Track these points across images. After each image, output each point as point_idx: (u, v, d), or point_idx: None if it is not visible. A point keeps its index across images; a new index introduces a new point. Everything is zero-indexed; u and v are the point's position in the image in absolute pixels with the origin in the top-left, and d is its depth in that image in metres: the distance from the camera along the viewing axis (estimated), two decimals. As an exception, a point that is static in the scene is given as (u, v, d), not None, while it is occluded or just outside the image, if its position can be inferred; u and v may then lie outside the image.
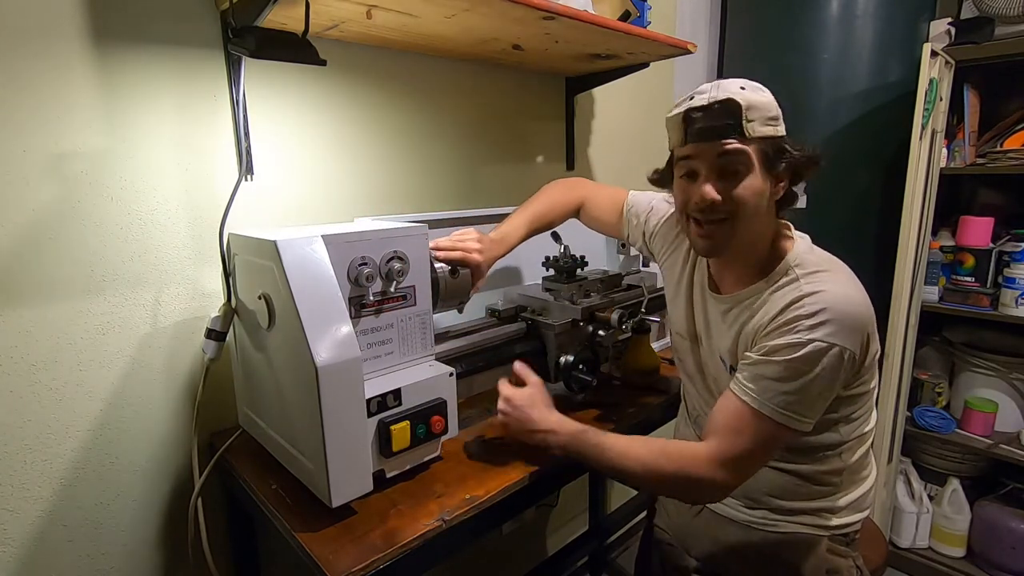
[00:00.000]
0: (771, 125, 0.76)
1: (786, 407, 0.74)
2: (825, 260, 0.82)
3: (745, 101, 0.74)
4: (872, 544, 1.14)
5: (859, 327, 0.74)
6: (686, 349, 0.99)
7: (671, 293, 1.02)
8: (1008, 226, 1.81)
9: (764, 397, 0.75)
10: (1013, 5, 1.66)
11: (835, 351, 0.73)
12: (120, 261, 0.92)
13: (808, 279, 0.78)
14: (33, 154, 0.83)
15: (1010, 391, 1.83)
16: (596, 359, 1.13)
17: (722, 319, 0.88)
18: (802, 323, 0.74)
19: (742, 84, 0.77)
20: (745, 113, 0.74)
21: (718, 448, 0.77)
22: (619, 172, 1.84)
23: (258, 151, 1.05)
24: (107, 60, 0.88)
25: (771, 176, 0.78)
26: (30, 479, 0.88)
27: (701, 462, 0.77)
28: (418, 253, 0.89)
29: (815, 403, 0.75)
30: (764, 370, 0.76)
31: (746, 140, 0.75)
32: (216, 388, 1.02)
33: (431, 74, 1.30)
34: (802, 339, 0.73)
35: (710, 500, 0.86)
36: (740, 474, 0.78)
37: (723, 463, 0.76)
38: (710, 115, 0.76)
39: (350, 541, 0.74)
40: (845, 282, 0.77)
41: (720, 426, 0.78)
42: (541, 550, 1.86)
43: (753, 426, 0.76)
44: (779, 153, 0.77)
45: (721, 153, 0.76)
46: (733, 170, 0.77)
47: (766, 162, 0.77)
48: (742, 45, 1.92)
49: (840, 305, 0.74)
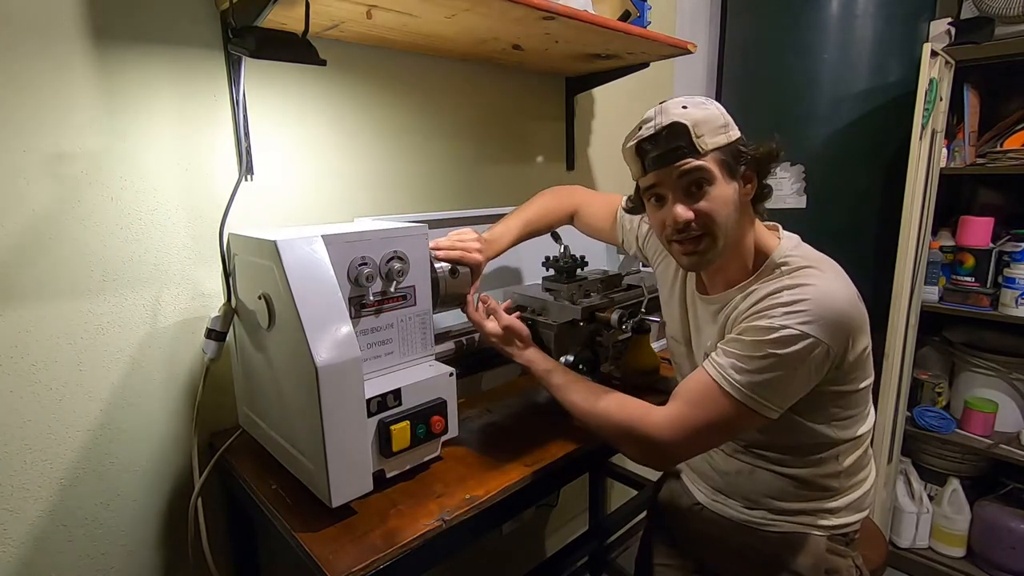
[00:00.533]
0: (722, 134, 0.78)
1: (749, 388, 0.74)
2: (813, 257, 0.82)
3: (690, 120, 0.76)
4: (872, 544, 1.14)
5: (840, 323, 0.74)
6: (682, 353, 0.99)
7: (665, 298, 1.04)
8: (1008, 226, 1.81)
9: (728, 375, 0.75)
10: (1013, 5, 1.66)
11: (808, 341, 0.72)
12: (120, 261, 0.92)
13: (793, 275, 0.79)
14: (33, 154, 0.83)
15: (1010, 391, 1.83)
16: (596, 359, 1.13)
17: (712, 321, 0.89)
18: (778, 309, 0.75)
19: (683, 103, 0.79)
20: (693, 131, 0.76)
21: (676, 412, 0.78)
22: (619, 172, 1.84)
23: (258, 151, 1.05)
24: (107, 60, 0.88)
25: (736, 180, 0.80)
26: (30, 479, 0.88)
27: (655, 421, 0.79)
28: (418, 253, 0.89)
29: (781, 390, 0.75)
30: (731, 347, 0.77)
31: (700, 155, 0.78)
32: (216, 388, 1.02)
33: (431, 74, 1.30)
34: (774, 323, 0.74)
35: (657, 462, 0.85)
36: (691, 443, 0.79)
37: (676, 427, 0.77)
38: (660, 142, 0.79)
39: (350, 541, 0.74)
40: (831, 279, 0.78)
41: (681, 393, 0.80)
42: (541, 550, 1.86)
43: (713, 400, 0.76)
44: (737, 157, 0.79)
45: (680, 175, 0.79)
46: (697, 186, 0.80)
47: (727, 169, 0.79)
48: (742, 45, 1.91)
49: (819, 298, 0.74)
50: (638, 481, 1.76)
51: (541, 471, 0.91)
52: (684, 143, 0.77)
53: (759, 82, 1.81)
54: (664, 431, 0.78)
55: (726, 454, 0.93)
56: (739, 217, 0.82)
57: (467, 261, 0.98)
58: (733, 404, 0.75)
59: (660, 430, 0.78)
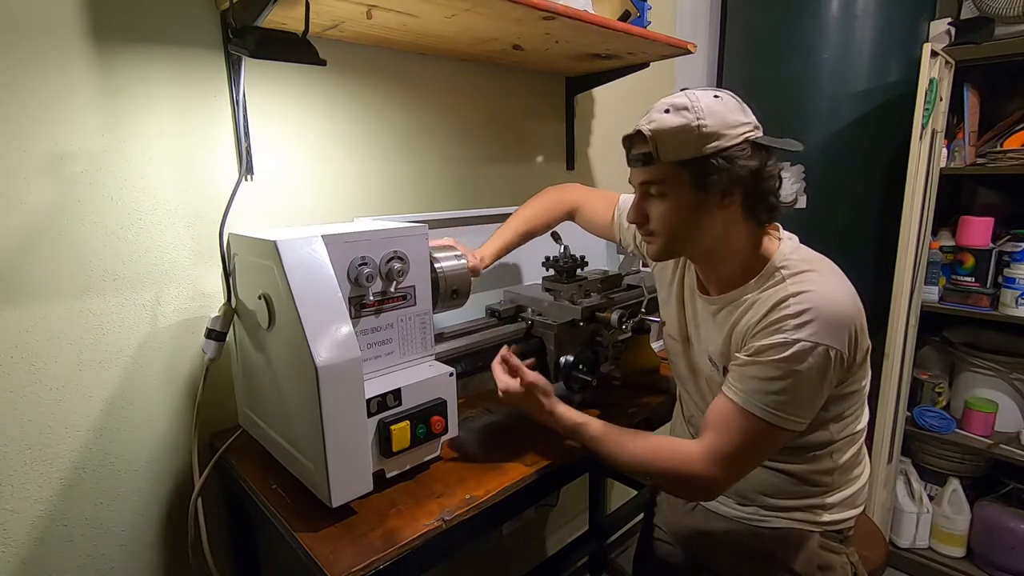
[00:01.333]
0: (694, 145, 0.76)
1: (775, 407, 0.75)
2: (811, 259, 0.83)
3: (657, 130, 0.77)
4: (872, 544, 1.14)
5: (845, 325, 0.75)
6: (678, 351, 1.00)
7: (663, 296, 1.04)
8: (1008, 226, 1.81)
9: (753, 397, 0.76)
10: (1013, 5, 1.66)
11: (820, 350, 0.73)
12: (120, 261, 0.92)
13: (794, 279, 0.79)
14: (33, 154, 0.83)
15: (1010, 391, 1.83)
16: (596, 359, 1.13)
17: (712, 320, 0.89)
18: (788, 323, 0.75)
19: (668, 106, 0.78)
20: (655, 142, 0.77)
21: (710, 446, 0.79)
22: (619, 172, 1.83)
23: (258, 151, 1.05)
24: (107, 60, 0.88)
25: (708, 191, 0.79)
26: (30, 479, 0.88)
27: (693, 459, 0.79)
28: (418, 253, 0.89)
29: (805, 403, 0.76)
30: (752, 371, 0.77)
31: (659, 167, 0.80)
32: (216, 388, 1.02)
33: (431, 74, 1.30)
34: (788, 339, 0.74)
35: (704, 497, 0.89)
36: (732, 472, 0.79)
37: (715, 460, 0.78)
38: (630, 144, 0.84)
39: (350, 541, 0.74)
40: (831, 281, 0.78)
41: (711, 425, 0.80)
42: (541, 550, 1.86)
43: (742, 425, 0.77)
44: (707, 170, 0.77)
45: (641, 181, 0.84)
46: (651, 194, 0.83)
47: (694, 180, 0.78)
48: (742, 45, 1.92)
49: (825, 304, 0.74)
50: (638, 481, 1.76)
51: (541, 471, 0.91)
52: (644, 152, 0.80)
53: (759, 82, 1.81)
54: (706, 468, 0.78)
55: None
56: (710, 225, 0.81)
57: None
58: (763, 426, 0.76)
59: (702, 468, 0.78)
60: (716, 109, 0.77)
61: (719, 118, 0.77)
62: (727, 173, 0.77)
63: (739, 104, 0.80)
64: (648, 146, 0.78)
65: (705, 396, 0.95)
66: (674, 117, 0.77)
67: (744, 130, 0.77)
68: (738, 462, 0.79)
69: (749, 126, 0.78)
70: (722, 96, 0.79)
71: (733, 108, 0.79)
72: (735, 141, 0.77)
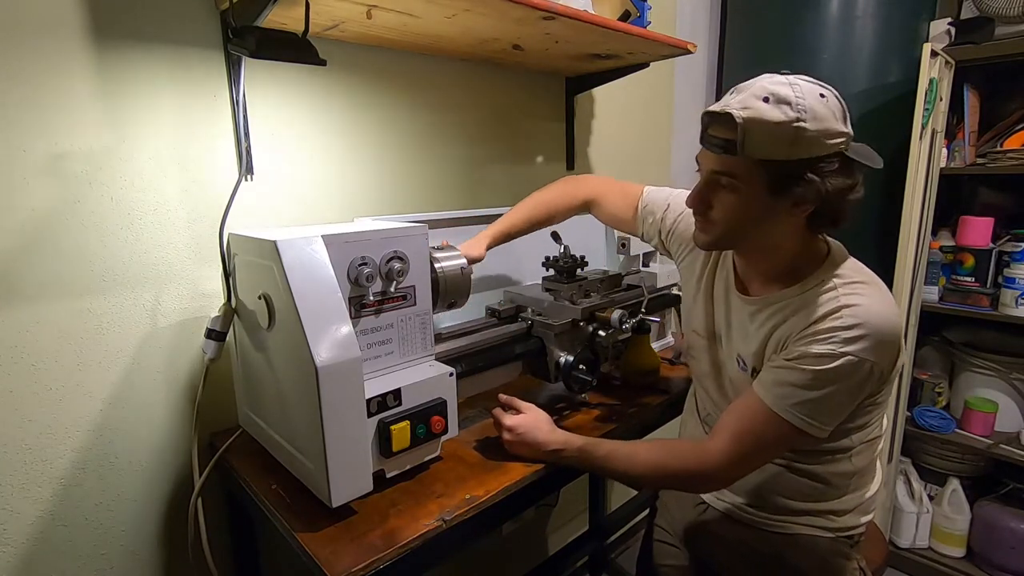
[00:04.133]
0: (785, 147, 0.70)
1: (806, 414, 0.74)
2: (863, 271, 0.81)
3: (750, 119, 0.69)
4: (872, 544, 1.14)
5: (892, 343, 0.74)
6: (702, 347, 0.97)
7: (691, 291, 1.00)
8: (1008, 226, 1.81)
9: (786, 402, 0.75)
10: (1013, 5, 1.66)
11: (866, 366, 0.72)
12: (120, 261, 0.92)
13: (847, 289, 0.77)
14: (33, 154, 0.83)
15: (1010, 391, 1.83)
16: (596, 359, 1.13)
17: (750, 321, 0.87)
18: (838, 335, 0.73)
19: (768, 94, 0.70)
20: (743, 133, 0.70)
21: (730, 446, 0.77)
22: (619, 172, 1.84)
23: (258, 151, 1.05)
24: (107, 60, 0.88)
25: (780, 196, 0.74)
26: (30, 479, 0.88)
27: (711, 459, 0.78)
28: (418, 253, 0.89)
29: (835, 412, 0.75)
30: (791, 376, 0.75)
31: (740, 160, 0.72)
32: (216, 388, 1.02)
33: (431, 74, 1.30)
34: (836, 351, 0.72)
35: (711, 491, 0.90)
36: (745, 470, 0.79)
37: (731, 460, 0.77)
38: (714, 124, 0.74)
39: (350, 541, 0.74)
40: (882, 297, 0.77)
41: (735, 424, 0.78)
42: (541, 550, 1.86)
43: (770, 428, 0.76)
44: (790, 177, 0.71)
45: (713, 170, 0.77)
46: (720, 184, 0.77)
47: (770, 183, 0.73)
48: (742, 45, 1.92)
49: (877, 321, 0.73)
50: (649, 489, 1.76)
51: (541, 471, 0.91)
52: (727, 139, 0.72)
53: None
54: (722, 467, 0.77)
55: None
56: (772, 229, 0.78)
57: None
58: (788, 428, 0.75)
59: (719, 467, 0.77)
60: (821, 112, 0.70)
61: (822, 123, 0.69)
62: (811, 186, 0.71)
63: (844, 109, 0.73)
64: (734, 133, 0.70)
65: (727, 395, 0.93)
66: (773, 109, 0.69)
67: (840, 140, 0.71)
68: (755, 461, 0.79)
69: (845, 138, 0.72)
70: (828, 97, 0.72)
71: (838, 114, 0.72)
72: (828, 152, 0.71)
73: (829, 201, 0.74)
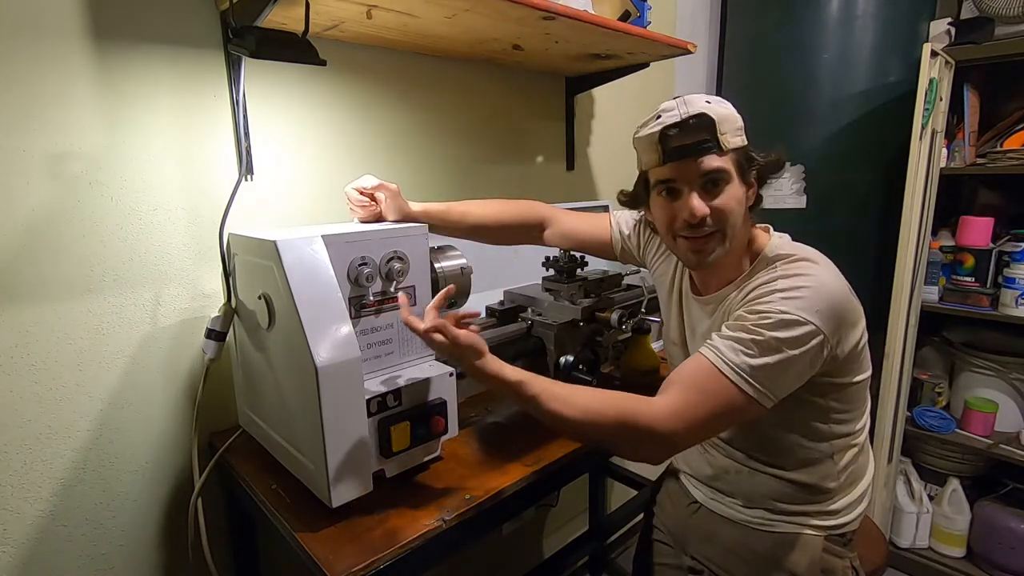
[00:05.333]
0: (739, 136, 0.79)
1: (748, 372, 0.72)
2: (804, 250, 0.83)
3: (716, 114, 0.76)
4: (872, 544, 1.14)
5: (834, 313, 0.74)
6: (678, 355, 0.99)
7: (664, 300, 1.03)
8: (1008, 226, 1.81)
9: (729, 359, 0.73)
10: (1013, 5, 1.66)
11: (807, 328, 0.71)
12: (120, 261, 0.92)
13: (786, 267, 0.79)
14: (33, 154, 0.83)
15: (1010, 391, 1.83)
16: (596, 359, 1.13)
17: (707, 318, 0.90)
18: (776, 295, 0.75)
19: (707, 98, 0.79)
20: (719, 126, 0.76)
21: (674, 400, 0.74)
22: (619, 172, 1.84)
23: (258, 151, 1.05)
24: (107, 60, 0.88)
25: (745, 183, 0.82)
26: (30, 479, 0.88)
27: (653, 411, 0.73)
28: (418, 253, 0.89)
29: (778, 377, 0.73)
30: (731, 331, 0.75)
31: (723, 153, 0.78)
32: (216, 388, 1.02)
33: (431, 74, 1.30)
34: (772, 308, 0.73)
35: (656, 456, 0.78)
36: (692, 433, 0.74)
37: (677, 416, 0.73)
38: (688, 131, 0.76)
39: (350, 541, 0.74)
40: (824, 270, 0.78)
41: (681, 381, 0.76)
42: (541, 550, 1.86)
43: (713, 386, 0.73)
44: (749, 162, 0.81)
45: (703, 171, 0.78)
46: (714, 183, 0.79)
47: (740, 171, 0.80)
48: (742, 45, 1.91)
49: (818, 288, 0.74)
50: (638, 481, 1.76)
51: (541, 471, 0.91)
52: (710, 137, 0.76)
53: (759, 82, 1.81)
54: (666, 421, 0.72)
55: (725, 455, 0.93)
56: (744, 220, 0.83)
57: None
58: (732, 389, 0.72)
59: (662, 421, 0.72)
60: None
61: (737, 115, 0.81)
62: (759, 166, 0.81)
63: None
64: (707, 133, 0.75)
65: None
66: (720, 106, 0.78)
67: None
68: (700, 424, 0.74)
69: None
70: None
71: None
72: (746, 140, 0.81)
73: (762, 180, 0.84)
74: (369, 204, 0.98)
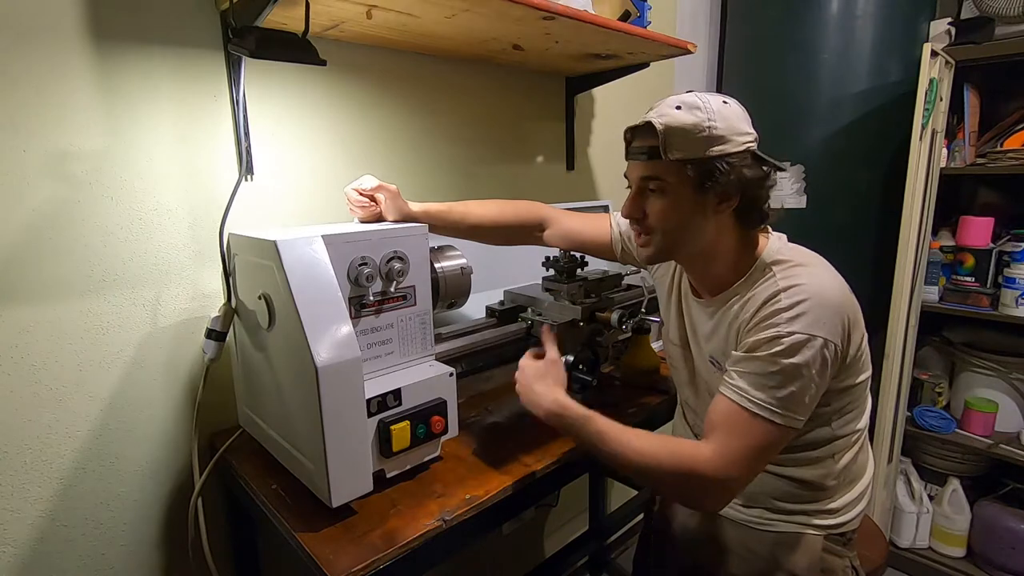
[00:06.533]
0: (702, 145, 0.76)
1: (777, 406, 0.74)
2: (800, 254, 0.83)
3: (667, 125, 0.76)
4: (872, 544, 1.14)
5: (837, 316, 0.75)
6: (679, 356, 1.00)
7: (664, 303, 1.04)
8: (1008, 226, 1.81)
9: (756, 398, 0.75)
10: (1013, 5, 1.66)
11: (816, 342, 0.73)
12: (120, 261, 0.92)
13: (784, 274, 0.79)
14: (33, 154, 0.83)
15: (1010, 391, 1.83)
16: (596, 359, 1.13)
17: (708, 319, 0.90)
18: (781, 316, 0.75)
19: (680, 103, 0.78)
20: (663, 137, 0.77)
21: (721, 448, 0.76)
22: (619, 173, 1.83)
23: (258, 151, 1.05)
24: (107, 60, 0.88)
25: (707, 194, 0.79)
26: (30, 479, 0.88)
27: (704, 459, 0.76)
28: (418, 253, 0.89)
29: (803, 397, 0.75)
30: (748, 367, 0.76)
31: (663, 163, 0.79)
32: (216, 388, 1.02)
33: (431, 74, 1.30)
34: (781, 332, 0.74)
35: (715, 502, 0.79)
36: (743, 475, 0.76)
37: (727, 460, 0.75)
38: (638, 135, 0.82)
39: (350, 541, 0.74)
40: (820, 274, 0.79)
41: (717, 426, 0.78)
42: (541, 550, 1.86)
43: (749, 427, 0.75)
44: (710, 172, 0.77)
45: (642, 176, 0.83)
46: (651, 190, 0.82)
47: (694, 180, 0.78)
48: (742, 45, 1.91)
49: (818, 297, 0.75)
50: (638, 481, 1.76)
51: (541, 471, 0.91)
52: (650, 146, 0.79)
53: (759, 82, 1.81)
54: (720, 468, 0.75)
55: None
56: (704, 227, 0.82)
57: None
58: (767, 425, 0.75)
59: (716, 468, 0.75)
60: (726, 114, 0.78)
61: (728, 123, 0.77)
62: (728, 178, 0.77)
63: (745, 114, 0.81)
64: (656, 140, 0.77)
65: (706, 401, 0.94)
66: (686, 114, 0.77)
67: (746, 140, 0.79)
68: (749, 465, 0.76)
69: (751, 137, 0.79)
70: (730, 103, 0.80)
71: (740, 116, 0.80)
72: (738, 149, 0.78)
73: (747, 192, 0.80)
74: (369, 205, 0.99)
